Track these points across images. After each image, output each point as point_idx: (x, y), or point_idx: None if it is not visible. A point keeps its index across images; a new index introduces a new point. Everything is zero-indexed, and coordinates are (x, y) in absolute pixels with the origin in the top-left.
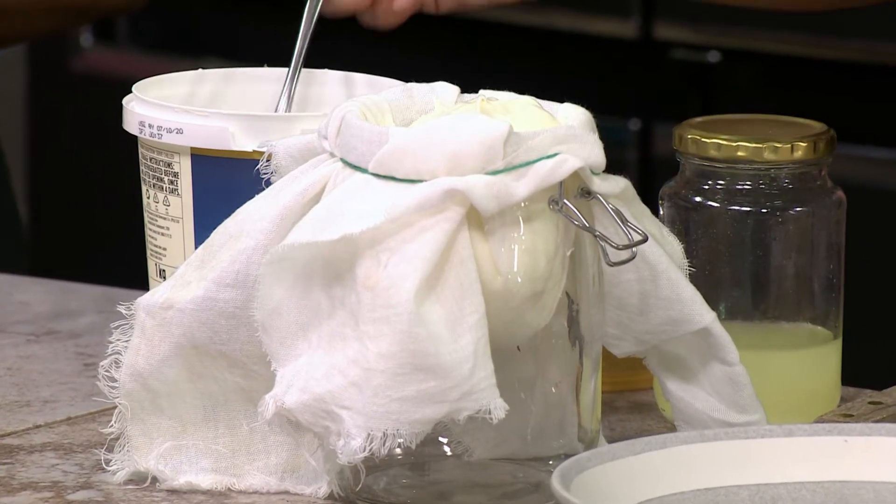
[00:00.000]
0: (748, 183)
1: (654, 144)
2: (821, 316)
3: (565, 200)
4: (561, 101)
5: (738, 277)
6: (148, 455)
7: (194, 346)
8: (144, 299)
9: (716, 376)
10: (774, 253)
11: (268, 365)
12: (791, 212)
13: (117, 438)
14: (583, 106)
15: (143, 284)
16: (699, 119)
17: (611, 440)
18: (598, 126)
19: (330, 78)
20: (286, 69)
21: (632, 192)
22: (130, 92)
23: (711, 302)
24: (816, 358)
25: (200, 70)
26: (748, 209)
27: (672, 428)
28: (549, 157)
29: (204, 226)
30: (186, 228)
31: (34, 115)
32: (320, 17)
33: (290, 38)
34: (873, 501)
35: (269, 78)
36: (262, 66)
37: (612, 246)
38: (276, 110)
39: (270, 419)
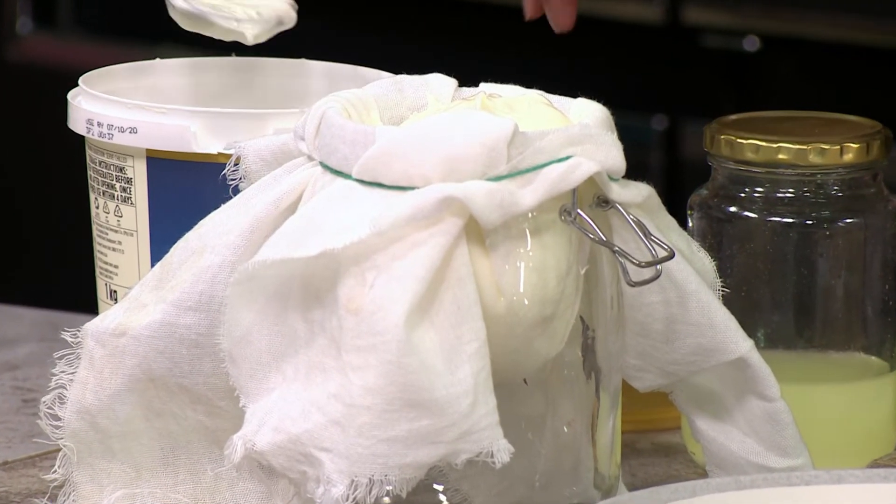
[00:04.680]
0: (791, 190)
1: (683, 146)
2: (875, 344)
3: (579, 210)
4: (574, 95)
5: (779, 300)
6: None
7: (151, 378)
8: (93, 325)
9: (753, 414)
10: (821, 271)
11: (236, 401)
12: (840, 224)
13: (61, 486)
14: (599, 101)
15: (91, 308)
16: (734, 117)
17: (632, 487)
18: (617, 125)
19: (308, 69)
20: (256, 59)
21: (656, 200)
22: (76, 85)
23: (748, 328)
24: (870, 392)
25: (157, 59)
26: (791, 221)
27: (703, 473)
28: (560, 160)
29: (161, 240)
30: (141, 243)
31: None
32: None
33: None
34: None
35: (236, 69)
36: (229, 54)
37: (633, 263)
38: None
39: (239, 463)
